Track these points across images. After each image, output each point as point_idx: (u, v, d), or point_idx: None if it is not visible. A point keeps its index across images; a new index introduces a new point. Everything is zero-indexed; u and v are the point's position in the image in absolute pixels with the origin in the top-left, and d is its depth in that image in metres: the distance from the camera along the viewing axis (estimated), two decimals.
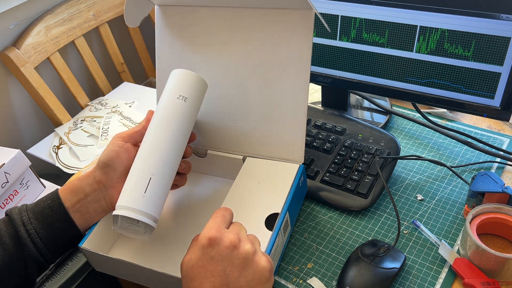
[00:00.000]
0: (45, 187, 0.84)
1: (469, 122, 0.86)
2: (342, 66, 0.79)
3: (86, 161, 0.99)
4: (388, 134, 0.77)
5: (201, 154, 0.71)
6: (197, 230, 0.63)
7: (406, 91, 0.75)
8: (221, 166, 0.71)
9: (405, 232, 0.66)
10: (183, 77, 0.61)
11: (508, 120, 0.70)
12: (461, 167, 0.75)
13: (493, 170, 0.75)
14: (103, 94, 1.29)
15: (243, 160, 0.68)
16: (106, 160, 0.58)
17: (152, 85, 1.40)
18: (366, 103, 0.92)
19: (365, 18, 0.72)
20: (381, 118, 0.87)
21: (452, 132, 0.80)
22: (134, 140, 0.61)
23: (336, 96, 0.88)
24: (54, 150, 1.04)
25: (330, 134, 0.78)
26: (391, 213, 0.69)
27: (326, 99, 0.90)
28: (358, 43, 0.75)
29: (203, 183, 0.73)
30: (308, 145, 0.77)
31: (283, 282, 0.61)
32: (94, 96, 1.29)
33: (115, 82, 1.34)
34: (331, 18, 0.75)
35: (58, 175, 1.00)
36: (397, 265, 0.59)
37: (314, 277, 0.62)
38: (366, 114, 0.89)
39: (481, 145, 0.78)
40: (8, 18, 1.07)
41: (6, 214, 0.57)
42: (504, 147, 0.79)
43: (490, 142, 0.79)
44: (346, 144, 0.76)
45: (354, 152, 0.74)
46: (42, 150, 1.05)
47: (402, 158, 0.76)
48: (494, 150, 0.76)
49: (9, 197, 0.76)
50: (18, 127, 1.20)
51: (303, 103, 0.63)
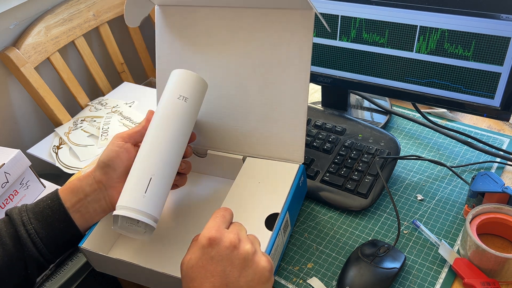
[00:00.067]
0: (45, 187, 0.84)
1: (469, 122, 0.86)
2: (342, 66, 0.79)
3: (86, 161, 0.99)
4: (388, 134, 0.77)
5: (201, 154, 0.71)
6: (197, 230, 0.63)
7: (406, 91, 0.75)
8: (221, 166, 0.71)
9: (405, 232, 0.66)
10: (183, 77, 0.61)
11: (508, 120, 0.70)
12: (461, 167, 0.75)
13: (493, 170, 0.75)
14: (103, 94, 1.29)
15: (243, 160, 0.68)
16: (106, 160, 0.58)
17: (152, 85, 1.40)
18: (366, 103, 0.92)
19: (365, 18, 0.72)
20: (381, 118, 0.87)
21: (452, 132, 0.80)
22: (134, 140, 0.61)
23: (336, 96, 0.88)
24: (54, 150, 1.04)
25: (330, 134, 0.78)
26: (391, 213, 0.69)
27: (326, 99, 0.90)
28: (358, 43, 0.75)
29: (203, 183, 0.73)
30: (308, 145, 0.77)
31: (283, 282, 0.61)
32: (94, 96, 1.29)
33: (115, 82, 1.34)
34: (331, 18, 0.75)
35: (58, 175, 1.00)
36: (397, 265, 0.59)
37: (314, 277, 0.62)
38: (366, 114, 0.89)
39: (481, 145, 0.78)
40: (8, 18, 1.07)
41: (6, 214, 0.57)
42: (504, 147, 0.79)
43: (490, 142, 0.79)
44: (346, 144, 0.76)
45: (354, 152, 0.74)
46: (42, 150, 1.05)
47: (402, 158, 0.76)
48: (494, 150, 0.76)
49: (9, 197, 0.76)
50: (18, 127, 1.20)
51: (303, 103, 0.63)
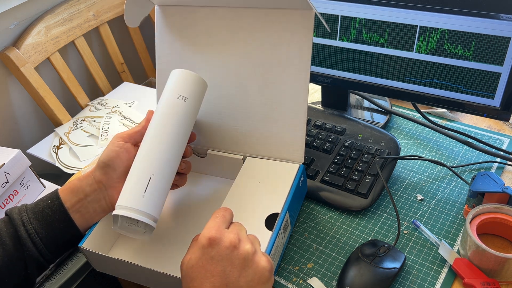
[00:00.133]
0: (45, 187, 0.84)
1: (469, 122, 0.86)
2: (342, 66, 0.79)
3: (86, 161, 0.99)
4: (388, 134, 0.77)
5: (201, 154, 0.71)
6: (197, 230, 0.63)
7: (406, 91, 0.75)
8: (221, 166, 0.71)
9: (405, 232, 0.66)
10: (183, 77, 0.61)
11: (508, 120, 0.70)
12: (461, 167, 0.75)
13: (493, 170, 0.75)
14: (103, 94, 1.29)
15: (243, 160, 0.68)
16: (106, 160, 0.58)
17: (152, 85, 1.40)
18: (366, 103, 0.92)
19: (365, 18, 0.72)
20: (381, 118, 0.87)
21: (452, 132, 0.80)
22: (134, 140, 0.61)
23: (336, 96, 0.88)
24: (54, 150, 1.04)
25: (330, 134, 0.78)
26: (391, 213, 0.69)
27: (326, 99, 0.90)
28: (358, 43, 0.75)
29: (203, 183, 0.73)
30: (308, 145, 0.77)
31: (283, 282, 0.61)
32: (94, 96, 1.29)
33: (115, 82, 1.34)
34: (331, 18, 0.75)
35: (58, 175, 1.00)
36: (397, 265, 0.59)
37: (314, 277, 0.62)
38: (366, 114, 0.89)
39: (481, 145, 0.78)
40: (8, 18, 1.07)
41: (6, 214, 0.57)
42: (504, 147, 0.79)
43: (490, 142, 0.79)
44: (346, 144, 0.76)
45: (354, 152, 0.74)
46: (42, 150, 1.05)
47: (402, 158, 0.76)
48: (494, 150, 0.76)
49: (9, 197, 0.76)
50: (18, 127, 1.20)
51: (303, 103, 0.63)
